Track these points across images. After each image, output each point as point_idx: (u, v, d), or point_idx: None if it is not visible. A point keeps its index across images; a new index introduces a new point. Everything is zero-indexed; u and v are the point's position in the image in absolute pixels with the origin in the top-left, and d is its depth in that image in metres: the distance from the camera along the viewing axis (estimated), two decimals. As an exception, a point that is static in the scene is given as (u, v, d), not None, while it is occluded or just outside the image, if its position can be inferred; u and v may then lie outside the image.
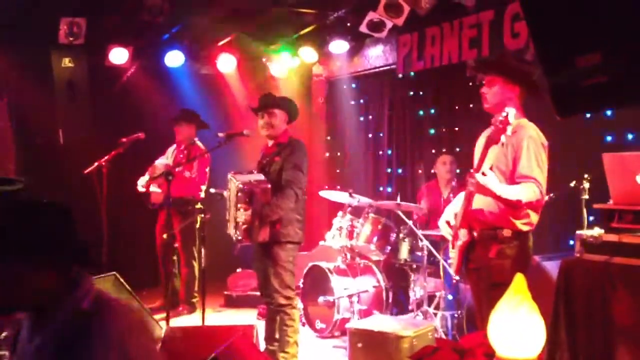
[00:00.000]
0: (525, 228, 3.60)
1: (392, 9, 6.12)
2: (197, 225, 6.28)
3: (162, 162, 6.59)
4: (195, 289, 6.68)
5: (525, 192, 3.47)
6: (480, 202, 3.63)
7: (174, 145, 6.81)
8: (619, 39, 1.56)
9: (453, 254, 3.82)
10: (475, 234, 3.68)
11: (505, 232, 3.57)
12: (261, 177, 4.44)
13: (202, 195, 6.52)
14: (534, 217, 3.62)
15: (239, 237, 4.41)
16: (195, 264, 6.60)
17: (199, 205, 6.48)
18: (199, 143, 6.73)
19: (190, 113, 6.81)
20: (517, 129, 3.57)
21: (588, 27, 1.60)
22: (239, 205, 4.35)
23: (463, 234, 3.71)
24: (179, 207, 6.25)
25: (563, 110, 1.68)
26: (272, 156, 4.59)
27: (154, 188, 6.44)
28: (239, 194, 4.35)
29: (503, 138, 3.46)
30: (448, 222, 3.90)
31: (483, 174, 3.47)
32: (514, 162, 3.56)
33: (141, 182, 6.47)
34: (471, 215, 3.66)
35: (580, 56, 1.60)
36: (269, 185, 4.35)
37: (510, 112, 3.42)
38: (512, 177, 3.57)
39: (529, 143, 3.53)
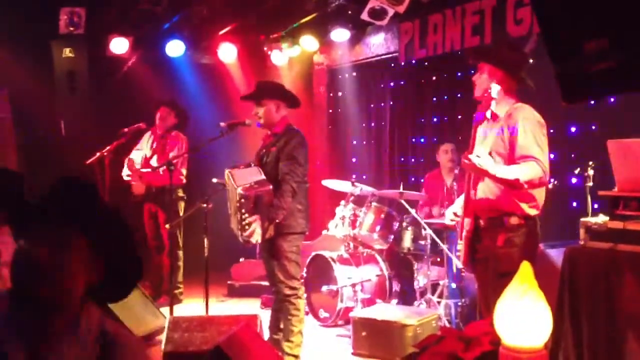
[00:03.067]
0: (532, 212, 3.56)
1: (394, -5, 6.09)
2: (181, 214, 6.30)
3: (139, 154, 6.51)
4: (179, 280, 6.55)
5: (524, 171, 3.41)
6: (484, 190, 3.60)
7: (148, 134, 6.64)
8: (627, 25, 1.54)
9: (460, 246, 3.79)
10: (481, 222, 3.64)
11: (513, 219, 3.53)
12: (260, 176, 4.36)
13: (184, 180, 6.48)
14: (540, 199, 3.59)
15: (246, 239, 4.34)
16: (180, 254, 6.53)
17: (181, 193, 6.50)
18: (175, 132, 6.61)
19: (175, 103, 6.71)
20: (512, 111, 3.56)
21: (595, 13, 1.58)
22: (243, 211, 4.28)
23: (467, 222, 3.68)
24: (162, 197, 6.20)
25: (570, 96, 1.66)
26: (268, 147, 4.55)
27: (135, 181, 6.40)
28: (243, 201, 4.26)
29: (488, 114, 3.49)
30: (455, 213, 3.88)
31: (477, 155, 3.44)
32: (511, 144, 3.52)
33: (126, 173, 6.42)
34: (476, 205, 3.63)
35: (588, 41, 1.58)
36: (270, 187, 4.31)
37: (494, 87, 3.45)
38: (511, 160, 3.52)
39: (525, 123, 3.49)
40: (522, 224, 3.54)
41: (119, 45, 7.26)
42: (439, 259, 5.89)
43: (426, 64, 7.16)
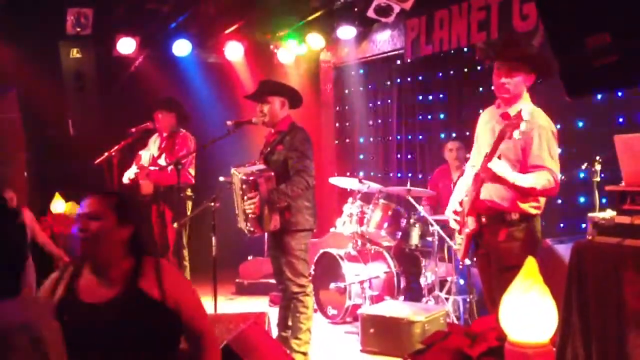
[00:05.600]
0: (533, 211, 3.61)
1: (400, -8, 6.09)
2: (188, 213, 6.30)
3: (147, 153, 6.53)
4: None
5: (540, 181, 3.45)
6: (489, 191, 3.62)
7: (155, 135, 6.60)
8: (628, 19, 1.53)
9: (459, 240, 3.83)
10: (483, 219, 3.68)
11: (514, 215, 3.58)
12: (263, 166, 4.42)
13: (193, 180, 6.48)
14: (542, 201, 3.65)
15: (251, 229, 4.39)
16: (185, 253, 6.54)
17: (189, 192, 6.50)
18: (183, 131, 6.65)
19: (171, 101, 6.71)
20: (528, 116, 3.46)
21: (597, 8, 1.57)
22: (245, 198, 4.33)
23: (471, 221, 3.70)
24: (169, 196, 6.21)
25: (574, 91, 1.66)
26: (273, 145, 4.55)
27: (142, 179, 6.40)
28: (244, 186, 4.32)
29: (516, 134, 3.34)
30: (455, 211, 3.88)
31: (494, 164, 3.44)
32: (524, 152, 3.53)
33: (128, 175, 6.34)
34: (480, 204, 3.66)
35: (590, 36, 1.58)
36: (272, 173, 4.33)
37: (525, 108, 3.34)
38: (521, 167, 3.55)
39: (540, 132, 3.49)
40: (523, 218, 3.59)
41: (126, 45, 7.29)
42: (446, 256, 5.89)
43: (433, 60, 7.15)
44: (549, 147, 3.51)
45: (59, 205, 6.57)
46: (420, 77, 7.53)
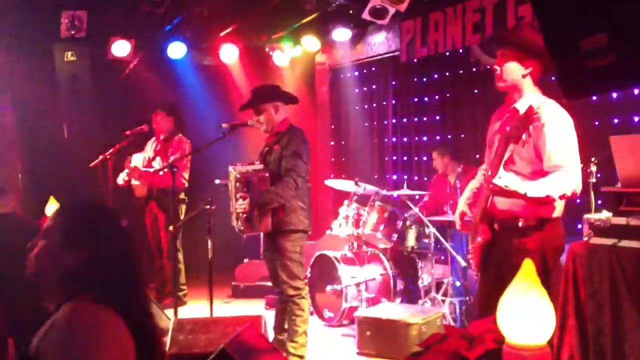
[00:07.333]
0: (551, 214, 3.27)
1: (395, -6, 6.09)
2: (182, 216, 6.29)
3: (139, 156, 6.52)
4: (182, 282, 6.54)
5: (555, 186, 3.09)
6: (500, 199, 3.33)
7: (153, 139, 6.66)
8: (626, 19, 1.53)
9: (473, 250, 3.57)
10: (495, 225, 3.40)
11: (527, 221, 3.26)
12: (260, 166, 4.43)
13: (186, 184, 6.47)
14: (561, 201, 3.26)
15: (241, 228, 4.40)
16: (180, 256, 6.51)
17: (182, 196, 6.49)
18: (179, 135, 6.62)
19: (171, 106, 6.71)
20: (539, 109, 3.17)
21: (594, 8, 1.57)
22: (237, 196, 4.34)
23: (482, 230, 3.44)
24: (163, 199, 6.20)
25: (571, 92, 1.65)
26: (271, 145, 4.57)
27: (134, 181, 6.39)
28: (237, 184, 4.34)
29: (526, 137, 3.09)
30: (464, 213, 3.72)
31: (499, 177, 3.11)
32: (536, 149, 3.20)
33: (122, 176, 6.35)
34: (492, 209, 3.38)
35: (586, 38, 1.57)
36: (267, 174, 4.33)
37: (528, 103, 3.11)
38: (536, 166, 3.22)
39: (553, 128, 3.16)
40: (537, 226, 3.26)
41: (121, 48, 7.27)
42: (443, 257, 5.88)
43: (428, 62, 7.16)
44: (566, 141, 3.16)
45: (53, 208, 6.54)
46: (415, 79, 7.53)
